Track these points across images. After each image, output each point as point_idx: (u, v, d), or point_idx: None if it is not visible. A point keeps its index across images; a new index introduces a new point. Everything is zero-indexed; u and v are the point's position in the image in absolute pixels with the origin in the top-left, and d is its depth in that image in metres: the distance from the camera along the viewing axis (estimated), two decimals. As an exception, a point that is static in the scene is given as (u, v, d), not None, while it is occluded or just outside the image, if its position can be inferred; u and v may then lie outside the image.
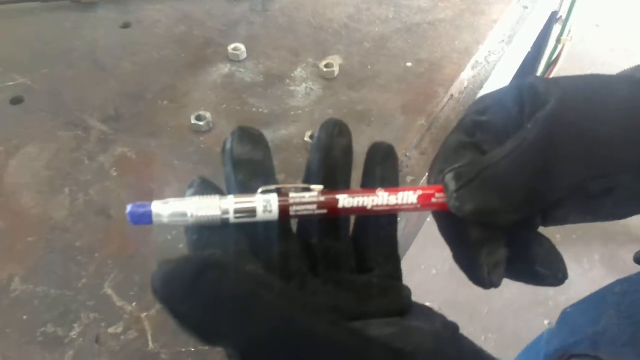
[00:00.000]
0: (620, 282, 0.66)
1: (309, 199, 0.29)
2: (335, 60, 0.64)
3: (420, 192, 0.31)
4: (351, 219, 0.34)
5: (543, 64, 1.06)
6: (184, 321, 0.22)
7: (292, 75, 0.63)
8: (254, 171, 0.30)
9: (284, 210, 0.29)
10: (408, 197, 0.30)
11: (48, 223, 0.49)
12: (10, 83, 0.61)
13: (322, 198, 0.29)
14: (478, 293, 0.32)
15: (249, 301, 0.23)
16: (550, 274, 0.31)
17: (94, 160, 0.54)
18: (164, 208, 0.28)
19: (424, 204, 0.31)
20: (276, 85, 0.62)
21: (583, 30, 2.26)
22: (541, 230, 0.34)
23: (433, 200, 0.31)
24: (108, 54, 0.65)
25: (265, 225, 0.29)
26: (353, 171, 0.33)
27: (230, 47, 0.64)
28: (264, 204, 0.29)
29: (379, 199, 0.30)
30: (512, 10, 0.73)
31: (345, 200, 0.30)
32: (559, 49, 1.03)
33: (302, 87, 0.62)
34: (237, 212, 0.28)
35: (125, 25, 0.68)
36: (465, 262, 0.32)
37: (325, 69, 0.62)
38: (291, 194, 0.29)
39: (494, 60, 0.67)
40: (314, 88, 0.62)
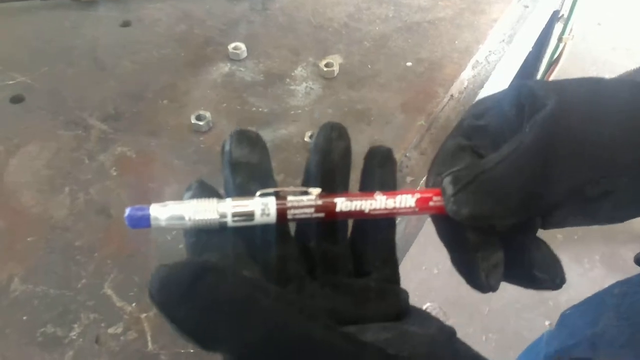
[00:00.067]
0: (620, 284, 0.66)
1: (307, 202, 0.29)
2: (336, 60, 0.64)
3: (418, 195, 0.30)
4: (350, 222, 0.34)
5: (545, 63, 1.06)
6: (180, 326, 0.23)
7: (293, 74, 0.63)
8: (252, 174, 0.30)
9: (282, 214, 0.29)
10: (406, 201, 0.30)
11: (48, 222, 0.49)
12: (11, 82, 0.61)
13: (320, 202, 0.29)
14: (479, 293, 0.32)
15: (246, 306, 0.23)
16: (548, 278, 0.31)
17: (94, 159, 0.54)
18: (162, 211, 0.28)
19: (422, 207, 0.31)
20: (276, 84, 0.62)
21: (585, 29, 2.25)
22: (542, 230, 0.34)
23: (431, 204, 0.31)
24: (108, 52, 0.65)
25: (264, 228, 0.30)
26: (352, 172, 0.33)
27: (230, 47, 0.64)
28: (262, 207, 0.29)
29: (377, 202, 0.30)
30: (513, 10, 0.72)
31: (343, 204, 0.30)
32: (560, 48, 1.03)
33: (302, 87, 0.62)
34: (235, 215, 0.28)
35: (126, 23, 0.68)
36: (463, 266, 0.32)
37: (325, 69, 0.62)
38: (289, 198, 0.29)
39: (494, 60, 0.67)
40: (314, 87, 0.62)
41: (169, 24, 0.69)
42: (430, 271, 1.56)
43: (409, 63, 0.65)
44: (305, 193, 0.30)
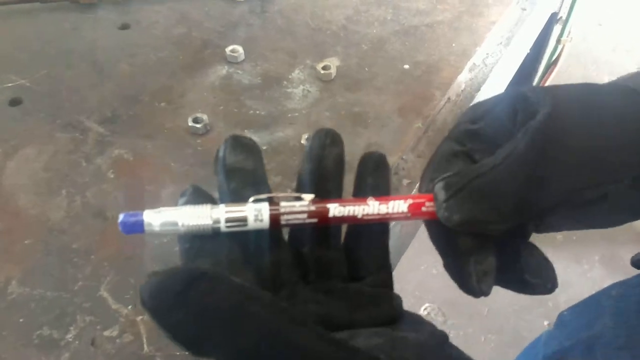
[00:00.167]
0: (617, 285, 0.66)
1: (299, 208, 0.29)
2: (333, 63, 0.64)
3: (410, 201, 0.31)
4: (344, 228, 0.34)
5: (543, 65, 1.06)
6: (172, 333, 0.23)
7: (290, 77, 0.63)
8: (246, 180, 0.30)
9: (275, 220, 0.29)
10: (399, 206, 0.30)
11: (45, 225, 0.49)
12: (10, 84, 0.61)
13: (313, 207, 0.30)
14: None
15: (237, 313, 0.23)
16: (540, 283, 0.31)
17: (91, 162, 0.54)
18: (156, 217, 0.28)
19: (414, 213, 0.31)
20: (274, 87, 0.62)
21: (585, 29, 2.25)
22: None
23: (424, 209, 0.31)
24: (106, 55, 0.65)
25: (257, 234, 0.30)
26: (348, 174, 0.33)
27: (228, 49, 0.65)
28: (255, 213, 0.29)
29: (370, 208, 0.30)
30: (511, 13, 0.73)
31: (336, 210, 0.30)
32: (559, 50, 1.03)
33: (299, 89, 0.62)
34: (229, 221, 0.29)
35: (124, 26, 0.68)
36: (455, 271, 0.32)
37: (322, 71, 0.63)
38: (282, 204, 0.29)
39: (491, 63, 0.67)
40: (312, 90, 0.62)
41: (166, 27, 0.69)
42: (428, 272, 1.57)
43: (406, 66, 0.65)
44: (299, 199, 0.30)
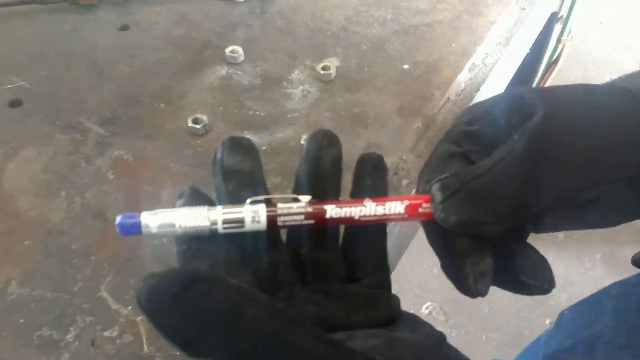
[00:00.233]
0: (617, 285, 0.66)
1: (296, 209, 0.30)
2: (333, 63, 0.64)
3: (407, 202, 0.31)
4: (342, 229, 0.34)
5: (544, 64, 1.06)
6: (169, 335, 0.23)
7: (290, 78, 0.63)
8: (244, 182, 0.30)
9: (272, 221, 0.29)
10: (396, 208, 0.30)
11: (45, 226, 0.50)
12: (9, 86, 0.61)
13: (310, 209, 0.30)
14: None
15: (234, 315, 0.23)
16: (536, 284, 0.31)
17: (91, 163, 0.54)
18: (153, 219, 0.28)
19: (411, 214, 0.31)
20: (273, 88, 0.62)
21: (586, 28, 2.25)
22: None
23: (420, 210, 0.31)
24: (106, 56, 0.65)
25: (255, 235, 0.30)
26: (347, 174, 0.33)
27: (227, 50, 0.65)
28: (252, 214, 0.29)
29: (367, 209, 0.30)
30: (510, 12, 0.72)
31: (333, 211, 0.30)
32: (559, 49, 1.03)
33: (299, 90, 0.62)
34: (226, 222, 0.29)
35: (124, 27, 0.69)
36: (453, 272, 0.32)
37: (322, 72, 0.63)
38: (279, 205, 0.30)
39: (491, 63, 0.67)
40: (311, 91, 0.62)
41: (166, 28, 0.69)
42: (430, 271, 1.56)
43: (406, 66, 0.65)
44: (296, 200, 0.30)
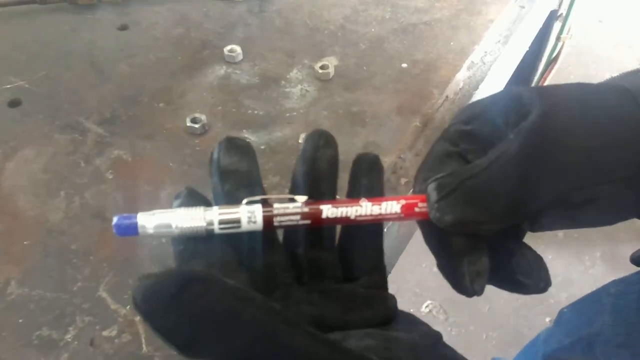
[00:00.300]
0: (616, 283, 0.66)
1: (293, 209, 0.30)
2: (331, 62, 0.64)
3: (403, 202, 0.31)
4: (338, 229, 0.34)
5: (544, 62, 1.06)
6: (166, 336, 0.23)
7: (288, 77, 0.64)
8: (240, 182, 0.30)
9: (268, 221, 0.29)
10: (391, 207, 0.31)
11: (44, 226, 0.50)
12: (9, 86, 0.61)
13: (306, 209, 0.30)
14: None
15: (230, 316, 0.23)
16: (532, 283, 0.32)
17: (90, 163, 0.54)
18: (150, 220, 0.28)
19: (407, 213, 0.31)
20: (272, 87, 0.62)
21: (586, 26, 2.24)
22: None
23: (417, 210, 0.31)
24: (105, 56, 0.65)
25: (251, 235, 0.30)
26: (345, 174, 0.33)
27: (226, 49, 0.65)
28: (249, 215, 0.29)
29: (363, 209, 0.30)
30: (509, 11, 0.72)
31: (329, 211, 0.30)
32: (559, 47, 1.03)
33: (297, 89, 0.62)
34: (222, 223, 0.29)
35: (123, 27, 0.69)
36: (449, 271, 0.32)
37: (320, 71, 0.63)
38: (275, 205, 0.30)
39: (490, 61, 0.67)
40: (310, 90, 0.62)
41: (165, 27, 0.69)
42: (430, 269, 1.57)
43: (404, 65, 0.65)
44: (292, 200, 0.30)
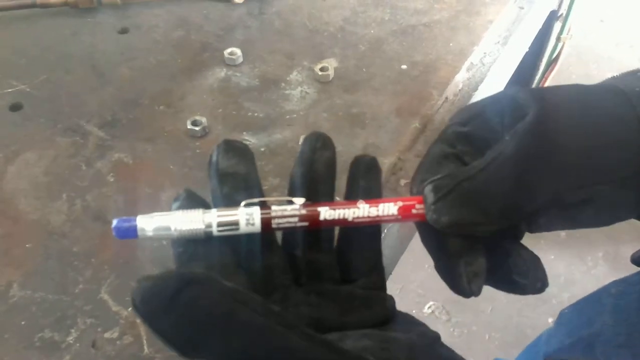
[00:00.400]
0: (617, 283, 0.66)
1: (290, 212, 0.30)
2: (331, 64, 0.65)
3: (400, 203, 0.31)
4: (337, 230, 0.34)
5: (544, 62, 1.06)
6: (164, 337, 0.23)
7: (288, 79, 0.64)
8: (238, 184, 0.31)
9: (266, 223, 0.30)
10: (389, 209, 0.31)
11: (46, 229, 0.50)
12: (10, 90, 0.62)
13: (303, 211, 0.30)
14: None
15: (228, 317, 0.23)
16: (529, 283, 0.32)
17: (91, 166, 0.55)
18: (149, 222, 0.29)
19: (404, 215, 0.31)
20: (272, 89, 0.63)
21: (587, 26, 2.24)
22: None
23: (414, 211, 0.31)
24: (106, 59, 0.65)
25: (249, 238, 0.30)
26: (344, 175, 0.33)
27: (226, 52, 0.65)
28: (247, 217, 0.29)
29: (360, 211, 0.31)
30: (508, 11, 0.73)
31: (326, 213, 0.30)
32: (559, 47, 1.03)
33: (297, 91, 0.62)
34: (220, 225, 0.29)
35: (124, 30, 0.69)
36: (446, 272, 0.32)
37: (320, 73, 0.63)
38: (273, 207, 0.30)
39: (489, 62, 0.67)
40: (310, 92, 0.62)
41: (166, 30, 0.69)
42: (432, 270, 1.56)
43: (403, 66, 0.65)
44: (290, 202, 0.30)
